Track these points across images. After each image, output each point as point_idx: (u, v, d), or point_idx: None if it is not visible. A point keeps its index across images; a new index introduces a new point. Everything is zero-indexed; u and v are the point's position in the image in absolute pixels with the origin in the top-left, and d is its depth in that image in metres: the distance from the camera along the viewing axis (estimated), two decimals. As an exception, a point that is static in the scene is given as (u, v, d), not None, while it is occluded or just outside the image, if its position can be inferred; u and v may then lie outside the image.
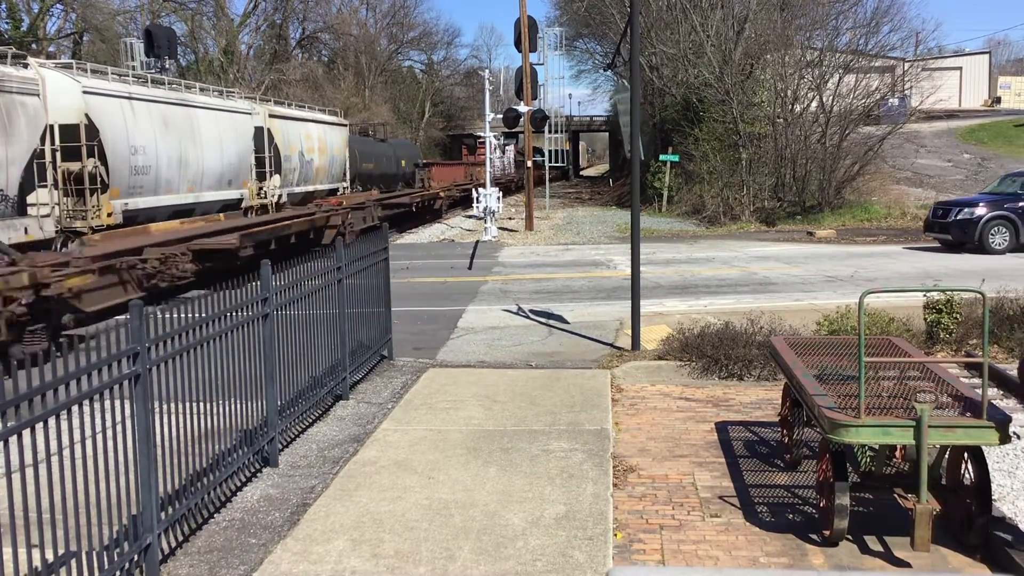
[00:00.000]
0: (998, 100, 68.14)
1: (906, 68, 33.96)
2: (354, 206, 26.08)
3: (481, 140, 37.66)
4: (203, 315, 5.83)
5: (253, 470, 6.76)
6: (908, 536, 5.22)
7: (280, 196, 24.72)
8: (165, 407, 5.34)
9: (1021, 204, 20.79)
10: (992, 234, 20.57)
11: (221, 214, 20.94)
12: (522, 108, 28.83)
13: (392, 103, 64.27)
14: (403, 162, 39.41)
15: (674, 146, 34.20)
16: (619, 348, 11.12)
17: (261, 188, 23.82)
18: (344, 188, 30.48)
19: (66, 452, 4.44)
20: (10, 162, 14.33)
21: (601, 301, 15.09)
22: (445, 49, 79.65)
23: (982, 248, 20.49)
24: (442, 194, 39.46)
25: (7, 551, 4.10)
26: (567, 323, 13.04)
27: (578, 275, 18.69)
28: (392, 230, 23.27)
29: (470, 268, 20.51)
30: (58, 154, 15.72)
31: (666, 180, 34.13)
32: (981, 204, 20.99)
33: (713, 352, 9.76)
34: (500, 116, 29.71)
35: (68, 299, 12.16)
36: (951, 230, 21.03)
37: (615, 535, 5.69)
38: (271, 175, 24.28)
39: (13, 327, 10.88)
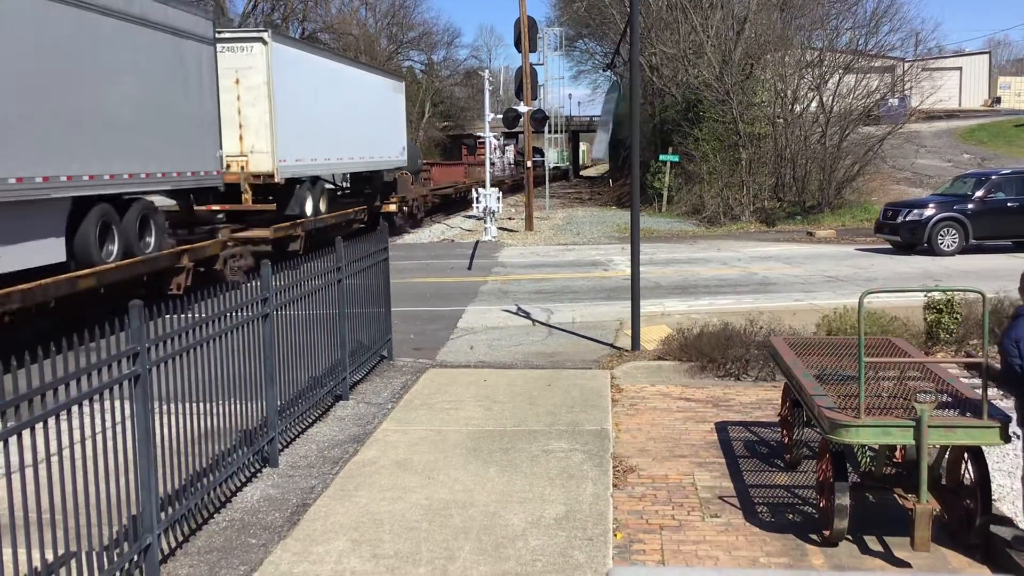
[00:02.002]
0: (998, 100, 68.22)
1: (906, 68, 33.93)
2: (473, 183, 40.95)
3: (481, 140, 37.64)
4: (203, 315, 5.83)
5: (253, 470, 6.76)
6: (908, 536, 5.22)
7: None
8: (165, 407, 5.34)
9: (970, 206, 20.40)
10: (941, 235, 20.22)
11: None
12: (522, 108, 28.80)
13: (392, 103, 64.10)
14: None
15: (674, 146, 34.16)
16: (619, 348, 11.12)
17: None
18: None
19: (66, 452, 4.44)
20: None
21: (601, 301, 15.10)
22: (445, 49, 79.61)
23: (931, 250, 20.18)
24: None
25: (7, 551, 4.10)
26: (567, 323, 13.04)
27: (578, 275, 18.69)
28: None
29: (470, 268, 20.50)
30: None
31: (666, 180, 34.10)
32: (930, 205, 20.72)
33: (713, 352, 9.76)
34: (500, 116, 29.68)
35: (431, 201, 33.79)
36: (900, 232, 20.72)
37: (615, 535, 5.69)
38: None
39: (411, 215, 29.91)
